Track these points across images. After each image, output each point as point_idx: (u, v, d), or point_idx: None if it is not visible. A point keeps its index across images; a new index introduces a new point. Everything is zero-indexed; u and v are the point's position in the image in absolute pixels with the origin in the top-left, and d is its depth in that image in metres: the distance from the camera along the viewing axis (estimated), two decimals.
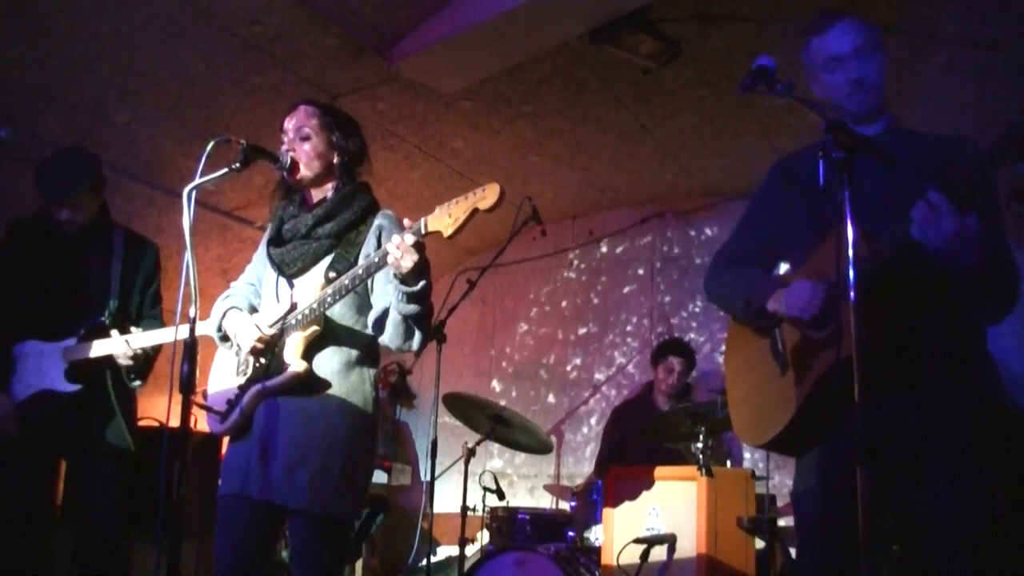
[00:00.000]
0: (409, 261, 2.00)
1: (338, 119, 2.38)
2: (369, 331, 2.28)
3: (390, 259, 2.03)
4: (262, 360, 2.27)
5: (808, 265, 1.98)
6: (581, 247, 6.02)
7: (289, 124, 2.34)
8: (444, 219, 2.00)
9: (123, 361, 2.90)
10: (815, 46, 2.06)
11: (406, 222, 2.09)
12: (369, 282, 2.26)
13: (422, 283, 2.09)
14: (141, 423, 3.26)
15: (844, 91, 2.00)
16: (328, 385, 2.22)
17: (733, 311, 2.19)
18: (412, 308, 2.12)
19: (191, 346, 1.98)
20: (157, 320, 3.15)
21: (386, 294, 2.19)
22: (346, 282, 2.15)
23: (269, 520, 2.22)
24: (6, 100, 3.62)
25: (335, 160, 2.34)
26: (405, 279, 2.07)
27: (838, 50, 2.00)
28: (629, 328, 5.77)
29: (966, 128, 2.11)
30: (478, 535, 4.78)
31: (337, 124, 2.36)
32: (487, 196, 1.95)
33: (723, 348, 2.38)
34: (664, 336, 5.31)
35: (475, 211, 1.97)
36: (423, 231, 2.03)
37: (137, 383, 3.01)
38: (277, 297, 2.33)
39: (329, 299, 2.17)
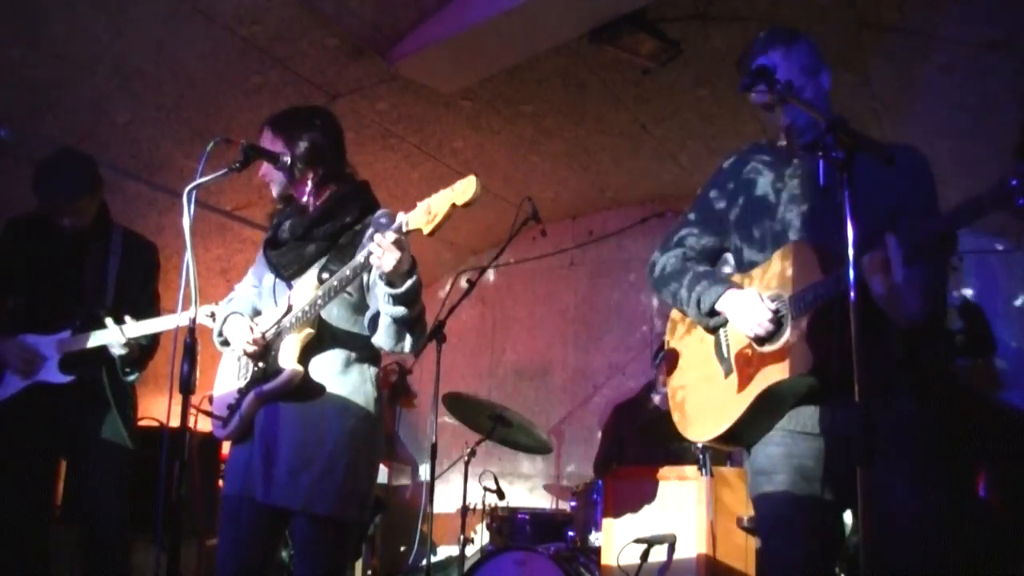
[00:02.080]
0: (391, 260, 1.97)
1: (287, 124, 2.35)
2: (367, 332, 2.28)
3: (372, 258, 2.00)
4: (260, 364, 2.27)
5: (761, 272, 2.00)
6: (581, 247, 6.01)
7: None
8: (424, 216, 1.96)
9: (117, 351, 2.88)
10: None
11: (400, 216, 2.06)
12: (365, 282, 2.25)
13: (408, 284, 2.05)
14: (141, 423, 3.26)
15: (783, 131, 2.05)
16: (325, 389, 2.22)
17: (683, 309, 2.18)
18: (399, 310, 2.09)
19: (191, 346, 1.99)
20: None
21: (379, 293, 2.18)
22: (335, 283, 2.13)
23: (272, 521, 2.22)
24: (6, 100, 3.62)
25: (293, 160, 2.31)
26: (390, 280, 2.04)
27: (764, 99, 1.98)
28: (629, 328, 5.76)
29: (966, 128, 2.11)
30: (476, 528, 4.77)
31: (286, 130, 2.33)
32: (464, 190, 1.92)
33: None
34: (664, 336, 5.31)
35: (453, 206, 1.93)
36: (404, 229, 1.99)
37: (132, 377, 3.01)
38: (275, 299, 2.33)
39: (320, 301, 2.16)
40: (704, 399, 2.11)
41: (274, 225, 2.41)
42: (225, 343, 2.38)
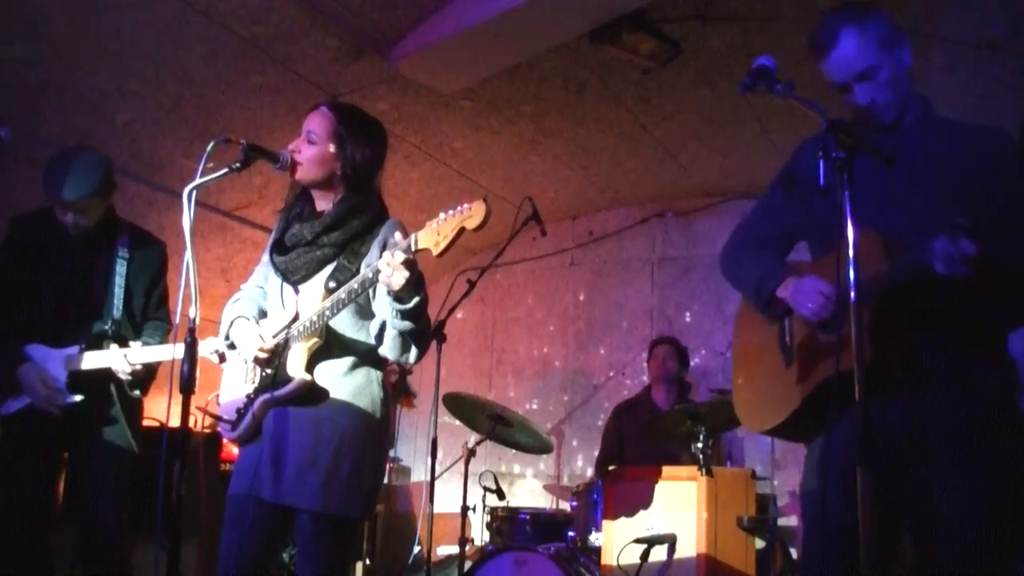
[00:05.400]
0: (400, 278, 2.00)
1: (352, 128, 2.34)
2: (372, 339, 2.28)
3: (381, 276, 2.03)
4: (268, 370, 2.27)
5: (824, 261, 1.96)
6: (581, 247, 6.02)
7: (305, 125, 2.33)
8: (433, 236, 2.00)
9: (122, 376, 2.89)
10: (822, 69, 2.01)
11: (397, 235, 2.08)
12: (371, 290, 2.26)
13: (415, 300, 2.09)
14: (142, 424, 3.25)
15: (858, 112, 1.99)
16: (331, 392, 2.22)
17: (745, 294, 2.18)
18: (406, 325, 2.12)
19: (191, 346, 1.98)
20: (163, 322, 3.13)
21: (386, 305, 2.19)
22: (343, 296, 2.15)
23: (277, 521, 2.22)
24: (6, 100, 3.62)
25: (337, 171, 2.31)
26: (398, 296, 2.07)
27: (840, 80, 1.97)
28: (629, 328, 5.77)
29: None
30: (476, 528, 4.78)
31: (350, 133, 2.32)
32: (474, 215, 1.96)
33: (730, 341, 2.38)
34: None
35: (462, 229, 1.98)
36: (413, 248, 2.02)
37: (137, 393, 3.00)
38: (283, 303, 2.33)
39: (328, 312, 2.17)
40: (765, 390, 2.09)
41: (281, 228, 2.40)
42: (232, 347, 2.38)
